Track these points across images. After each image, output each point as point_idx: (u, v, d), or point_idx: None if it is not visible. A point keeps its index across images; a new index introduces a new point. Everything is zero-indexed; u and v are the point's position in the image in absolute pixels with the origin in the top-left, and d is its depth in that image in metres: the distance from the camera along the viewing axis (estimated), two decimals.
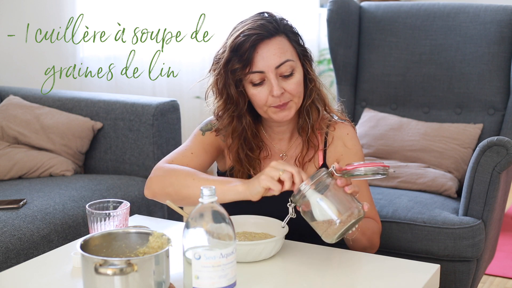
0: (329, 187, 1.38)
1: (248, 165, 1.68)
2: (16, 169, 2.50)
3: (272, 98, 1.59)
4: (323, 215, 1.36)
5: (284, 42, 1.60)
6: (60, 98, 2.79)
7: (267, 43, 1.57)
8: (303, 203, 1.39)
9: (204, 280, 1.22)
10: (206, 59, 4.27)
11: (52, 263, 1.51)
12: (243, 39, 1.56)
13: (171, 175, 1.56)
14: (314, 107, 1.68)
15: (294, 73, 1.60)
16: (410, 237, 2.08)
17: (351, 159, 1.70)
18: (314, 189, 1.37)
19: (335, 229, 1.36)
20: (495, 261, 2.93)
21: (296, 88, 1.60)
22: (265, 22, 1.59)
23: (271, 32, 1.58)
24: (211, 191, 1.22)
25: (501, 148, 1.99)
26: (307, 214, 1.39)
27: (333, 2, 2.71)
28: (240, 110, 1.64)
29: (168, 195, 1.54)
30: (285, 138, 1.74)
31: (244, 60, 1.57)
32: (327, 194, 1.37)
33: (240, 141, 1.68)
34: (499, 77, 2.53)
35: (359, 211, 1.37)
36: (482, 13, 2.57)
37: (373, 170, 1.38)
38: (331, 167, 1.41)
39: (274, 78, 1.57)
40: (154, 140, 2.59)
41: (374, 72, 2.71)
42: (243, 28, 1.59)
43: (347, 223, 1.36)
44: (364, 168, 1.38)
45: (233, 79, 1.60)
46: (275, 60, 1.57)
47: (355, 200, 1.39)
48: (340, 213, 1.36)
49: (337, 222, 1.36)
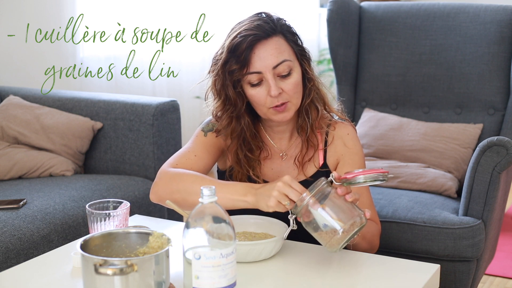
0: (330, 196, 1.37)
1: (247, 166, 1.68)
2: (16, 169, 2.50)
3: (270, 98, 1.59)
4: (325, 225, 1.36)
5: (281, 42, 1.60)
6: (60, 98, 2.79)
7: (264, 44, 1.57)
8: (304, 214, 1.38)
9: (204, 280, 1.22)
10: (206, 59, 4.27)
11: (52, 263, 1.51)
12: (240, 40, 1.57)
13: (177, 181, 1.56)
14: (313, 106, 1.68)
15: (291, 73, 1.60)
16: (410, 237, 2.08)
17: (352, 159, 1.70)
18: (315, 199, 1.37)
19: (339, 238, 1.36)
20: (495, 261, 2.93)
21: (294, 88, 1.60)
22: (262, 22, 1.59)
23: (267, 33, 1.58)
24: (211, 191, 1.22)
25: (501, 148, 1.99)
26: (309, 225, 1.38)
27: (333, 2, 2.71)
28: (238, 110, 1.64)
29: (175, 202, 1.53)
30: (285, 138, 1.73)
31: (241, 61, 1.57)
32: (328, 204, 1.36)
33: (239, 142, 1.68)
34: (499, 77, 2.53)
35: (361, 219, 1.37)
36: (482, 13, 2.57)
37: (372, 177, 1.38)
38: (330, 176, 1.40)
39: (271, 79, 1.57)
40: (154, 140, 2.59)
41: (374, 72, 2.71)
42: (240, 29, 1.59)
43: (350, 232, 1.35)
44: (363, 176, 1.38)
45: (231, 80, 1.60)
46: (272, 60, 1.57)
47: (356, 208, 1.38)
48: (343, 222, 1.35)
49: (340, 231, 1.35)
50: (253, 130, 1.69)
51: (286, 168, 1.72)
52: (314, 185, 1.38)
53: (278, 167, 1.72)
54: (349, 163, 1.70)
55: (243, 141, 1.68)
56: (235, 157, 1.69)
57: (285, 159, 1.73)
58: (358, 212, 1.37)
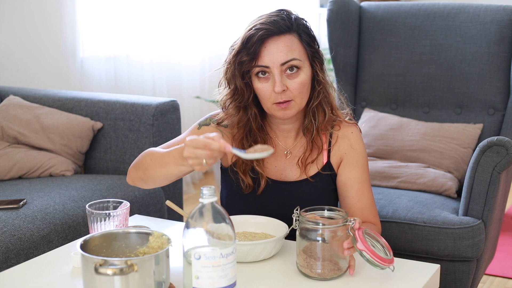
0: (335, 238, 1.38)
1: None
2: (16, 169, 2.50)
3: (274, 94, 1.61)
4: (312, 255, 1.39)
5: (294, 41, 1.61)
6: (60, 98, 2.79)
7: (275, 39, 1.59)
8: (307, 229, 1.40)
9: (204, 280, 1.22)
10: (206, 59, 4.27)
11: (52, 263, 1.51)
12: (253, 32, 1.59)
13: (138, 161, 1.61)
14: (320, 109, 1.69)
15: (299, 72, 1.61)
16: (410, 237, 2.08)
17: (355, 158, 1.72)
18: (322, 234, 1.38)
19: (310, 271, 1.40)
20: (495, 261, 2.93)
21: (298, 88, 1.61)
22: (279, 18, 1.61)
23: (281, 29, 1.60)
24: (211, 191, 1.22)
25: (501, 148, 1.99)
26: (303, 237, 1.41)
27: (333, 2, 2.71)
28: (245, 101, 1.66)
29: (141, 179, 1.60)
30: (290, 136, 1.75)
31: (251, 53, 1.59)
32: (330, 242, 1.39)
33: (245, 131, 1.70)
34: (499, 77, 2.53)
35: (338, 271, 1.40)
36: (482, 13, 2.57)
37: (374, 263, 1.37)
38: (351, 222, 1.40)
39: (278, 75, 1.59)
40: (154, 140, 2.59)
41: (374, 72, 2.71)
42: (256, 22, 1.62)
43: (324, 275, 1.39)
44: (368, 256, 1.37)
45: (240, 70, 1.63)
46: (281, 57, 1.59)
47: (345, 261, 1.41)
48: (325, 265, 1.38)
49: (317, 271, 1.39)
50: (260, 123, 1.71)
51: (289, 166, 1.73)
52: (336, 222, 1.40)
53: (281, 165, 1.73)
54: (352, 162, 1.72)
55: (249, 131, 1.70)
56: (240, 147, 1.70)
57: (289, 157, 1.73)
58: (342, 266, 1.40)
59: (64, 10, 3.34)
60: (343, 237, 1.39)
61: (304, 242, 1.40)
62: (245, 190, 1.71)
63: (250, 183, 1.70)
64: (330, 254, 1.39)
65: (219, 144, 1.32)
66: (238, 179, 1.71)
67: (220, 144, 1.32)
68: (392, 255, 1.41)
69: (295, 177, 1.72)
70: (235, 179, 1.72)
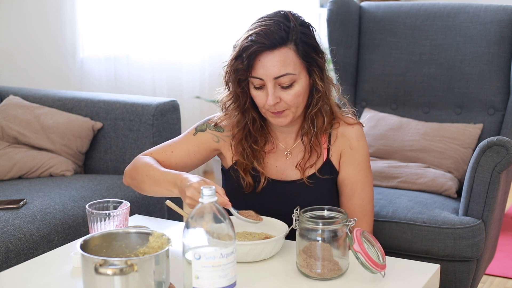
0: (335, 238, 1.39)
1: (252, 157, 1.70)
2: (16, 169, 2.50)
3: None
4: (312, 255, 1.39)
5: (289, 54, 1.58)
6: (60, 98, 2.79)
7: (269, 54, 1.57)
8: (307, 229, 1.40)
9: (204, 280, 1.22)
10: (206, 59, 4.27)
11: (52, 263, 1.51)
12: (248, 44, 1.57)
13: (135, 169, 1.68)
14: (320, 115, 1.69)
15: (294, 84, 1.60)
16: (410, 237, 2.08)
17: (352, 157, 1.72)
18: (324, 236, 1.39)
19: (310, 271, 1.40)
20: (495, 261, 2.93)
21: (292, 100, 1.61)
22: (276, 29, 1.57)
23: (275, 44, 1.57)
24: (211, 191, 1.22)
25: (501, 148, 1.99)
26: (303, 237, 1.41)
27: (333, 2, 2.71)
28: (242, 106, 1.67)
29: (134, 187, 1.70)
30: (291, 137, 1.75)
31: (245, 64, 1.59)
32: (330, 242, 1.39)
33: (244, 132, 1.70)
34: (499, 77, 2.53)
35: (338, 271, 1.40)
36: (482, 13, 2.57)
37: (367, 266, 1.38)
38: (352, 221, 1.41)
39: (271, 88, 1.58)
40: (154, 140, 2.59)
41: (374, 72, 2.71)
42: (254, 30, 1.59)
43: (324, 275, 1.39)
44: (363, 259, 1.37)
45: (236, 77, 1.63)
46: (275, 71, 1.58)
47: (345, 261, 1.41)
48: (324, 265, 1.39)
49: (317, 271, 1.39)
50: (259, 124, 1.71)
51: (289, 167, 1.73)
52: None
53: (282, 165, 1.74)
54: (349, 160, 1.72)
55: (248, 132, 1.70)
56: (239, 148, 1.71)
57: (289, 158, 1.74)
58: (337, 269, 1.40)
59: (64, 10, 3.34)
60: (343, 237, 1.39)
61: (304, 242, 1.40)
62: (245, 189, 1.71)
63: (250, 181, 1.70)
64: (330, 254, 1.39)
65: (222, 200, 1.44)
66: (239, 178, 1.71)
67: (223, 200, 1.44)
68: (385, 261, 1.41)
69: (295, 177, 1.72)
70: (236, 178, 1.72)
